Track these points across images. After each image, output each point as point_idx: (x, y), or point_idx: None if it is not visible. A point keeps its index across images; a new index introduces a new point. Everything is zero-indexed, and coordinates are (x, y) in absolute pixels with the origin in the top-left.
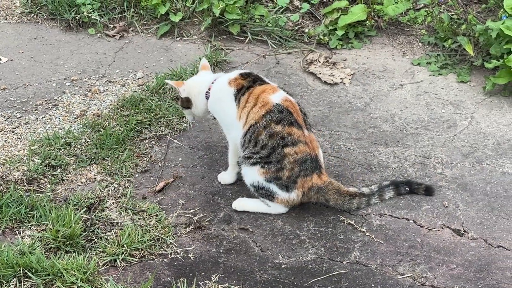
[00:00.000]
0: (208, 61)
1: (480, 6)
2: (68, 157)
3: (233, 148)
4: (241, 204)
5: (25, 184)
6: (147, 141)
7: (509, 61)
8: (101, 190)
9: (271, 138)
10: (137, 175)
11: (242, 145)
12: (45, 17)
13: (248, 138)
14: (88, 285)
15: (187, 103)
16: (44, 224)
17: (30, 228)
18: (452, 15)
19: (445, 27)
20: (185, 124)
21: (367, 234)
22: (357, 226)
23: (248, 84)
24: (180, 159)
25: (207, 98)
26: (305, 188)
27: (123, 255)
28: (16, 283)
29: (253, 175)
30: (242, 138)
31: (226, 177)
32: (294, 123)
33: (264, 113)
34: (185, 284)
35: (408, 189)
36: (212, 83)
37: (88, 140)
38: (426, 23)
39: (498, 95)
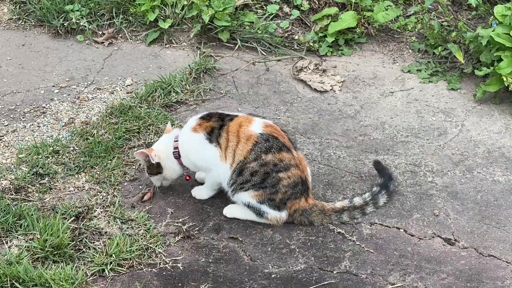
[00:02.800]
0: (197, 68)
1: (471, 13)
2: (56, 165)
3: (211, 182)
4: (232, 211)
5: (13, 193)
6: (136, 149)
7: (500, 68)
8: (90, 199)
9: (263, 166)
10: (125, 184)
11: (229, 180)
12: (33, 23)
13: (237, 172)
14: None
15: (157, 168)
16: (31, 233)
17: (17, 237)
18: (443, 22)
19: (436, 34)
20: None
21: (358, 243)
22: (347, 235)
23: (217, 124)
24: None
25: (176, 157)
26: (292, 210)
27: (111, 265)
28: None
29: (245, 197)
30: (230, 176)
31: (202, 192)
32: (283, 148)
33: (251, 147)
34: None
35: (395, 183)
36: (176, 140)
37: (77, 148)
38: (416, 30)
39: (489, 102)
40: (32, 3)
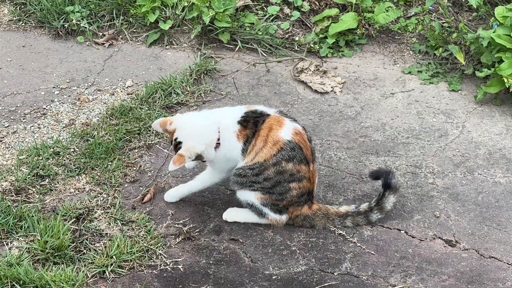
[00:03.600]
0: (198, 70)
1: (471, 14)
2: (57, 166)
3: (210, 178)
4: (232, 214)
5: (13, 194)
6: (136, 150)
7: (500, 70)
8: (90, 200)
9: (279, 174)
10: (126, 185)
11: (239, 169)
12: (34, 25)
13: (255, 172)
14: None
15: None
16: (32, 235)
17: (18, 239)
18: (443, 23)
19: (436, 36)
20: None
21: (358, 245)
22: (348, 237)
23: (251, 131)
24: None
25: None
26: (294, 215)
27: (112, 266)
28: None
29: (249, 197)
30: (245, 169)
31: (173, 193)
32: (303, 160)
33: (275, 152)
34: None
35: (395, 177)
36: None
37: (77, 149)
38: (417, 31)
39: (490, 104)
40: (33, 4)
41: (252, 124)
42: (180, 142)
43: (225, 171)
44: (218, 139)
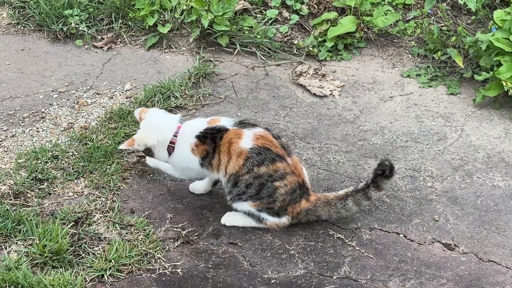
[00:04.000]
0: (197, 73)
1: (470, 17)
2: (55, 170)
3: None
4: (231, 219)
5: (12, 198)
6: (134, 154)
7: (499, 73)
8: (89, 204)
9: (257, 178)
10: (125, 189)
11: (225, 187)
12: (32, 28)
13: (232, 183)
14: None
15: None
16: (30, 238)
17: (16, 243)
18: (442, 26)
19: (435, 39)
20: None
21: (357, 248)
22: (347, 241)
23: (211, 147)
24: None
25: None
26: (294, 213)
27: (110, 270)
28: None
29: (244, 207)
30: (225, 184)
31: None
32: (276, 158)
33: (242, 162)
34: None
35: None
36: (174, 135)
37: (76, 153)
38: (415, 34)
39: (488, 107)
40: (31, 8)
41: (210, 140)
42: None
43: (189, 176)
44: (173, 143)
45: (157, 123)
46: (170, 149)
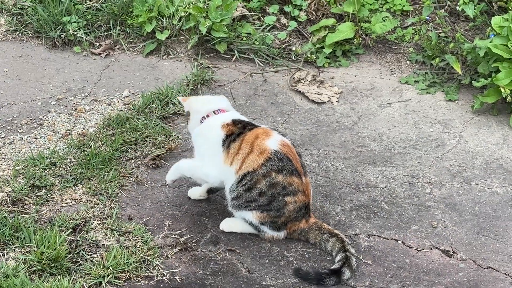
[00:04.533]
0: (195, 80)
1: (468, 24)
2: (53, 177)
3: (194, 172)
4: (229, 224)
5: (10, 205)
6: (133, 161)
7: (497, 79)
8: (87, 211)
9: (272, 187)
10: (123, 196)
11: (233, 190)
12: (31, 35)
13: (246, 187)
14: None
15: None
16: (28, 246)
17: (14, 250)
18: (440, 33)
19: (433, 45)
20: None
21: (356, 255)
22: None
23: (238, 131)
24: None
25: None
26: (291, 230)
27: (108, 277)
28: None
29: (248, 216)
30: (235, 184)
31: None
32: (294, 172)
33: (263, 161)
34: None
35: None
36: (206, 116)
37: (74, 160)
38: (413, 41)
39: (487, 113)
40: (29, 15)
41: (241, 125)
42: None
43: (206, 170)
44: (204, 117)
45: (209, 99)
46: (203, 119)
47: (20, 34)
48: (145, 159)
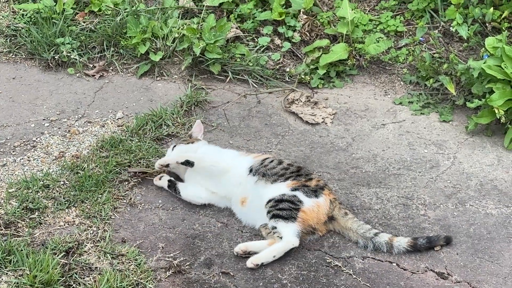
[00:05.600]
0: (189, 101)
1: (462, 45)
2: (46, 199)
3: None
4: (256, 258)
5: (2, 228)
6: (126, 183)
7: (491, 100)
8: (80, 233)
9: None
10: (116, 218)
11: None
12: (24, 56)
13: (277, 162)
14: None
15: None
16: (21, 269)
17: (7, 273)
18: (434, 54)
19: (427, 66)
20: None
21: (350, 277)
22: (340, 270)
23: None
24: (160, 201)
25: None
26: (331, 196)
27: None
28: None
29: (279, 189)
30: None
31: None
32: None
33: None
34: None
35: None
36: None
37: (67, 182)
38: (407, 62)
39: (481, 134)
40: (23, 36)
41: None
42: None
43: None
44: None
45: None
46: None
47: (13, 56)
48: (129, 169)
